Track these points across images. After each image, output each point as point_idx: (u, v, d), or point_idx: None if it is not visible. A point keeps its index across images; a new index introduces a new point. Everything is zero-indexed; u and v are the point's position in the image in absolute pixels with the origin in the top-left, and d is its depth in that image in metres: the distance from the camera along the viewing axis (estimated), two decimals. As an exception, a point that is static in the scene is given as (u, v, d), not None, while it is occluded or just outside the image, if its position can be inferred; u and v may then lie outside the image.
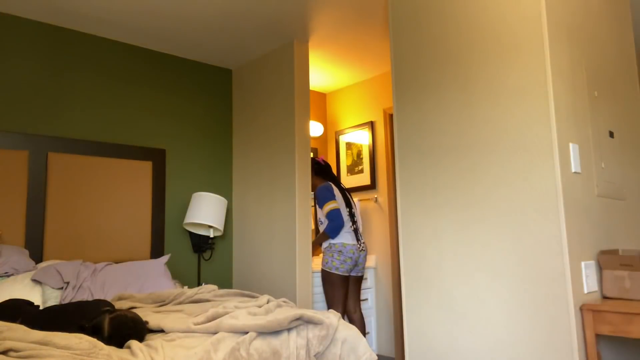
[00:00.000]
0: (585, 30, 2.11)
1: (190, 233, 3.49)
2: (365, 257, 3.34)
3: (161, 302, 2.32)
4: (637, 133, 2.43)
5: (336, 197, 3.30)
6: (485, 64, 2.01)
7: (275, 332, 1.80)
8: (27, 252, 2.64)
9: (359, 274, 3.36)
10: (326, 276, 3.20)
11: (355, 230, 3.28)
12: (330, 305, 3.24)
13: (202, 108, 3.72)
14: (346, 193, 3.40)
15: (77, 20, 2.99)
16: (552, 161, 1.77)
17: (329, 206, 3.24)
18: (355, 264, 3.27)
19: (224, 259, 3.70)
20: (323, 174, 3.47)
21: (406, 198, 2.31)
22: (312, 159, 3.51)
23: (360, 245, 3.27)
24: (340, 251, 3.18)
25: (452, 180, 2.11)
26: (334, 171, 4.44)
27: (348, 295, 3.35)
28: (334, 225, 3.19)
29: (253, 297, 2.34)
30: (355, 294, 3.37)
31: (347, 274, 3.21)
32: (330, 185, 3.36)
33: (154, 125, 3.42)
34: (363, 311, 3.83)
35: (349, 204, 3.35)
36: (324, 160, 3.53)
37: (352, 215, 3.31)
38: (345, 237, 3.23)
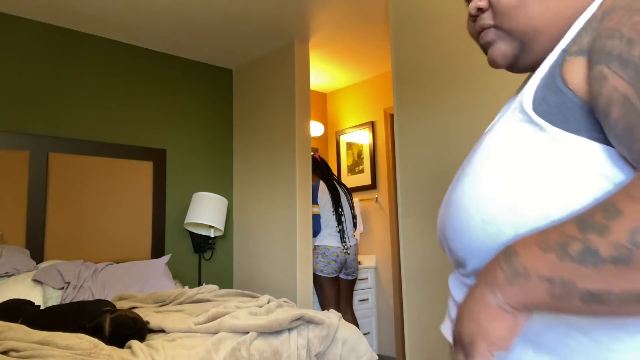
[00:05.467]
0: (585, 30, 2.11)
1: (191, 233, 3.50)
2: (354, 259, 3.30)
3: (162, 302, 2.33)
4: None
5: (319, 200, 3.32)
6: (485, 63, 2.01)
7: (276, 332, 1.80)
8: (28, 252, 2.64)
9: (350, 277, 3.34)
10: (315, 278, 3.25)
11: (341, 232, 3.27)
12: (322, 306, 3.26)
13: (203, 108, 3.72)
14: (339, 192, 3.38)
15: (77, 20, 3.00)
16: (553, 161, 1.77)
17: (312, 209, 3.32)
18: (343, 266, 3.26)
19: (224, 259, 3.70)
20: (317, 170, 3.47)
21: (407, 198, 2.31)
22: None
23: (345, 247, 3.25)
24: (323, 253, 3.21)
25: (453, 180, 2.11)
26: (335, 171, 4.44)
27: (340, 297, 3.35)
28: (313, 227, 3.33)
29: (254, 297, 2.34)
30: (347, 296, 3.37)
31: (334, 275, 3.22)
32: (319, 184, 3.36)
33: (154, 126, 3.43)
34: (363, 311, 3.83)
35: (338, 204, 3.32)
36: (319, 157, 3.52)
37: (339, 215, 3.29)
38: (330, 240, 3.24)
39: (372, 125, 4.13)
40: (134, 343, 1.60)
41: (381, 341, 3.89)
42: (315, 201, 3.34)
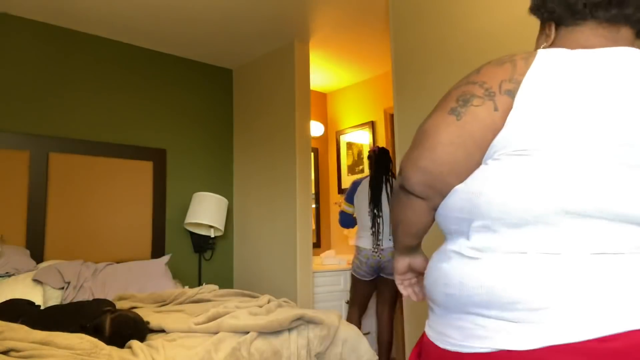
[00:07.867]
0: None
1: (191, 233, 3.50)
2: (388, 262, 3.06)
3: (162, 302, 2.33)
4: (638, 133, 2.43)
5: (355, 199, 3.24)
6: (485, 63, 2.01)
7: (276, 332, 1.80)
8: (28, 252, 2.64)
9: (391, 277, 3.09)
10: (352, 276, 3.26)
11: (375, 234, 3.08)
12: (350, 304, 3.30)
13: (203, 108, 3.72)
14: (381, 192, 3.13)
15: (77, 21, 2.99)
16: (553, 161, 1.76)
17: (342, 205, 3.40)
18: (375, 269, 3.11)
19: (224, 259, 3.70)
20: (373, 166, 3.22)
21: (407, 198, 2.30)
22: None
23: (375, 249, 3.06)
24: (357, 254, 3.18)
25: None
26: (335, 171, 4.44)
27: (378, 298, 3.26)
28: (340, 219, 3.45)
29: (254, 297, 2.34)
30: (387, 297, 3.19)
31: (367, 278, 3.13)
32: (361, 182, 3.24)
33: (154, 126, 3.43)
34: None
35: (376, 205, 3.10)
36: (377, 148, 3.25)
37: (375, 217, 3.09)
38: (363, 241, 3.14)
39: (372, 125, 4.12)
40: (134, 343, 1.60)
41: (381, 341, 3.88)
42: (350, 200, 3.29)
